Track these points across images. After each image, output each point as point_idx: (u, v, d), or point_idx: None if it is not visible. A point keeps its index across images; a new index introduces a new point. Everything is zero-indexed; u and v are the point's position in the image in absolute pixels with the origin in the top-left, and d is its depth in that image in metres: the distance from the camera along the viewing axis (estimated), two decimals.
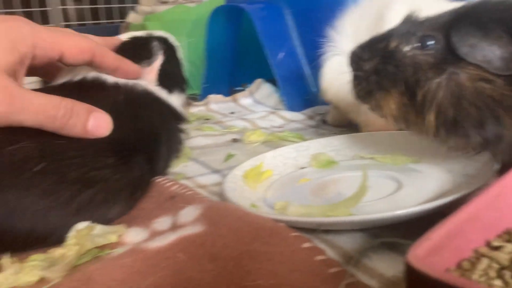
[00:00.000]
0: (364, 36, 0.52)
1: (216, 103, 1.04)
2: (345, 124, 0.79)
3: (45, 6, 1.87)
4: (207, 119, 0.93)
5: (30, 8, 1.87)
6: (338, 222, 0.41)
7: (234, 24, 1.13)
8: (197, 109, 1.01)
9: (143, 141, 0.53)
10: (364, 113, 0.64)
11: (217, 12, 1.08)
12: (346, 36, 0.66)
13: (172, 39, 0.67)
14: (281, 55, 0.96)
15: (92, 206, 0.43)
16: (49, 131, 0.44)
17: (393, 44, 0.47)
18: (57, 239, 0.40)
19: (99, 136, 0.47)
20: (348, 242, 0.42)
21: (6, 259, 0.37)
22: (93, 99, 0.50)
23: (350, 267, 0.37)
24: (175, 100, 0.62)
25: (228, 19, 1.11)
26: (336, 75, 0.64)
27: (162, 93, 0.60)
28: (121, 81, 0.55)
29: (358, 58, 0.50)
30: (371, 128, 0.66)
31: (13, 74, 0.43)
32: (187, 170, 0.64)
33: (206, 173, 0.63)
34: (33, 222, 0.39)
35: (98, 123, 0.47)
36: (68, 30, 0.55)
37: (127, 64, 0.56)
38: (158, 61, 0.61)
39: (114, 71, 0.54)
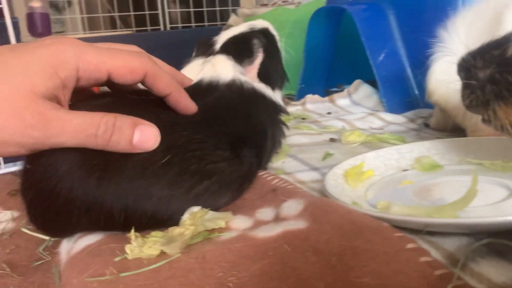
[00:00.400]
0: (477, 38, 0.50)
1: (313, 103, 1.05)
2: (449, 129, 0.76)
3: (154, 9, 2.01)
4: (304, 119, 0.95)
5: (141, 11, 2.02)
6: (448, 223, 0.41)
7: (333, 25, 1.13)
8: (294, 109, 1.03)
9: (254, 136, 0.56)
10: (473, 117, 0.62)
11: (318, 13, 1.09)
12: (457, 37, 0.63)
13: (271, 29, 0.69)
14: (381, 56, 0.94)
15: (206, 196, 0.47)
16: (176, 125, 0.48)
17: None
18: (174, 223, 0.44)
19: (146, 150, 0.44)
20: (454, 245, 0.41)
21: (132, 233, 0.41)
22: (207, 100, 0.54)
23: (456, 270, 0.36)
24: (277, 95, 0.65)
25: (328, 20, 1.12)
26: (444, 76, 0.62)
27: (266, 89, 0.63)
28: (233, 79, 0.59)
29: (470, 66, 0.47)
30: (480, 133, 0.63)
31: (54, 98, 0.43)
32: (286, 166, 0.66)
33: (305, 170, 0.64)
34: (156, 207, 0.44)
35: (144, 137, 0.44)
36: (127, 48, 0.52)
37: (181, 95, 0.50)
38: (259, 59, 0.63)
39: (165, 97, 0.50)
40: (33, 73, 0.41)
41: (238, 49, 0.62)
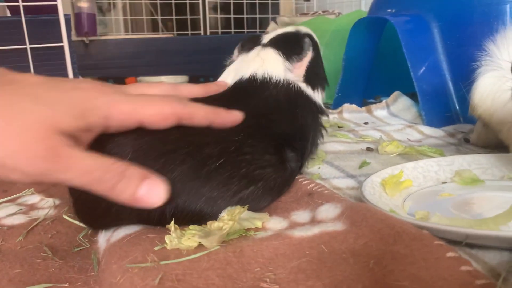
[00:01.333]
0: None
1: (350, 112, 1.04)
2: (491, 145, 0.74)
3: (195, 15, 2.05)
4: (340, 127, 0.95)
5: (183, 16, 2.06)
6: (491, 236, 0.40)
7: (374, 36, 1.13)
8: (331, 117, 1.03)
9: (298, 138, 0.56)
10: None
11: (360, 24, 1.09)
12: (506, 52, 0.62)
13: (315, 36, 0.68)
14: (422, 69, 0.93)
15: (249, 200, 0.47)
16: (230, 130, 0.49)
17: None
18: (212, 219, 0.45)
19: (149, 207, 0.42)
20: (495, 259, 0.40)
21: (172, 225, 0.42)
22: (258, 98, 0.54)
23: (498, 284, 0.35)
24: (318, 97, 0.64)
25: (369, 30, 1.11)
26: (490, 90, 0.61)
27: (309, 90, 0.62)
28: (282, 78, 0.58)
29: None
30: None
31: (73, 137, 0.43)
32: (322, 172, 0.66)
33: (341, 177, 0.64)
34: (203, 207, 0.45)
35: (150, 192, 0.42)
36: (158, 89, 0.54)
37: (221, 115, 0.50)
38: (308, 57, 0.62)
39: (209, 125, 0.49)
40: (61, 111, 0.42)
41: (288, 45, 0.61)
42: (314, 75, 0.63)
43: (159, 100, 0.48)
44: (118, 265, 0.38)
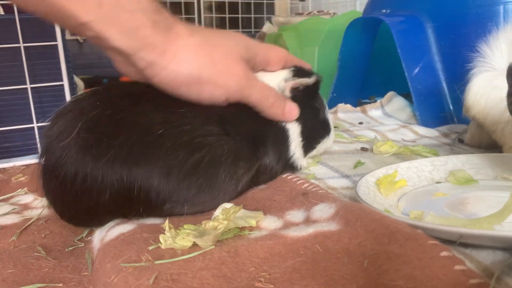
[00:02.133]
0: None
1: (345, 112, 1.04)
2: (484, 145, 0.74)
3: (190, 14, 2.04)
4: (335, 127, 0.95)
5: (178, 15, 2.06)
6: (484, 235, 0.40)
7: (369, 36, 1.13)
8: None
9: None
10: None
11: (355, 24, 1.09)
12: (499, 53, 0.63)
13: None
14: (417, 69, 0.94)
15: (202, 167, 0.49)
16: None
17: None
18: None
19: (290, 120, 0.60)
20: (488, 258, 0.40)
21: (166, 224, 0.42)
22: None
23: (492, 282, 0.36)
24: None
25: (364, 31, 1.11)
26: (484, 91, 0.61)
27: None
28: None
29: None
30: None
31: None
32: (317, 172, 0.66)
33: (336, 177, 0.64)
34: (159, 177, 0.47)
35: (291, 109, 0.60)
36: (269, 44, 0.67)
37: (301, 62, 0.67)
38: None
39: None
40: (237, 46, 0.56)
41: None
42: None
43: (274, 47, 0.64)
44: (112, 265, 0.38)
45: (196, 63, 0.51)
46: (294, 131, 0.61)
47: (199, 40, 0.52)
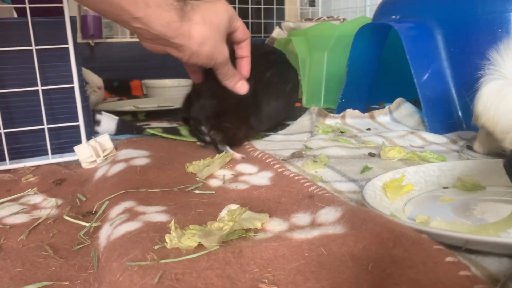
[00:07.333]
0: None
1: (353, 118, 1.04)
2: (493, 153, 0.74)
3: None
4: (343, 132, 0.95)
5: None
6: (491, 242, 0.39)
7: (378, 42, 1.13)
8: (333, 121, 1.03)
9: None
10: None
11: (364, 30, 1.09)
12: (510, 61, 0.62)
13: None
14: (426, 75, 0.93)
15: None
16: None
17: None
18: None
19: (239, 93, 0.81)
20: (493, 265, 0.40)
21: (172, 224, 0.42)
22: None
23: None
24: None
25: (373, 37, 1.11)
26: (494, 99, 0.61)
27: None
28: None
29: None
30: None
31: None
32: (324, 175, 0.66)
33: (343, 181, 0.64)
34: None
35: (241, 87, 0.81)
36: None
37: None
38: None
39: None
40: (226, 23, 0.73)
41: None
42: None
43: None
44: (118, 263, 0.38)
45: (209, 45, 0.71)
46: None
47: (207, 26, 0.70)
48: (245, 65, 0.83)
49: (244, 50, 0.82)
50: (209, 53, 0.72)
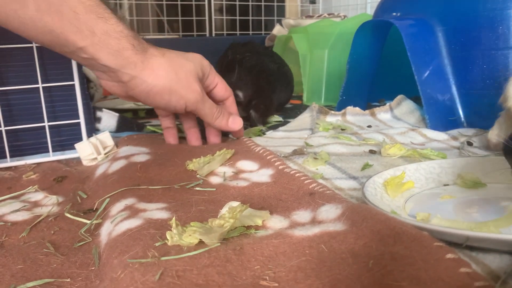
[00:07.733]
0: None
1: (353, 115, 1.04)
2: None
3: (201, 16, 2.06)
4: (343, 129, 0.95)
5: (188, 17, 2.08)
6: (492, 239, 0.39)
7: (379, 39, 1.13)
8: (334, 119, 1.03)
9: None
10: None
11: (364, 27, 1.09)
12: None
13: None
14: (427, 72, 0.93)
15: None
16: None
17: None
18: None
19: (234, 130, 0.77)
20: (494, 262, 0.40)
21: (173, 221, 0.42)
22: None
23: (497, 286, 0.35)
24: None
25: (374, 34, 1.11)
26: None
27: None
28: None
29: None
30: None
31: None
32: (324, 172, 0.66)
33: (343, 178, 0.64)
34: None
35: (234, 122, 0.76)
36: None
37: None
38: None
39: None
40: (195, 67, 0.68)
41: None
42: None
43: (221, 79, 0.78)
44: (119, 260, 0.38)
45: (167, 78, 0.64)
46: None
47: (168, 60, 0.64)
48: (232, 104, 0.78)
49: (230, 109, 0.77)
50: (172, 90, 0.64)
